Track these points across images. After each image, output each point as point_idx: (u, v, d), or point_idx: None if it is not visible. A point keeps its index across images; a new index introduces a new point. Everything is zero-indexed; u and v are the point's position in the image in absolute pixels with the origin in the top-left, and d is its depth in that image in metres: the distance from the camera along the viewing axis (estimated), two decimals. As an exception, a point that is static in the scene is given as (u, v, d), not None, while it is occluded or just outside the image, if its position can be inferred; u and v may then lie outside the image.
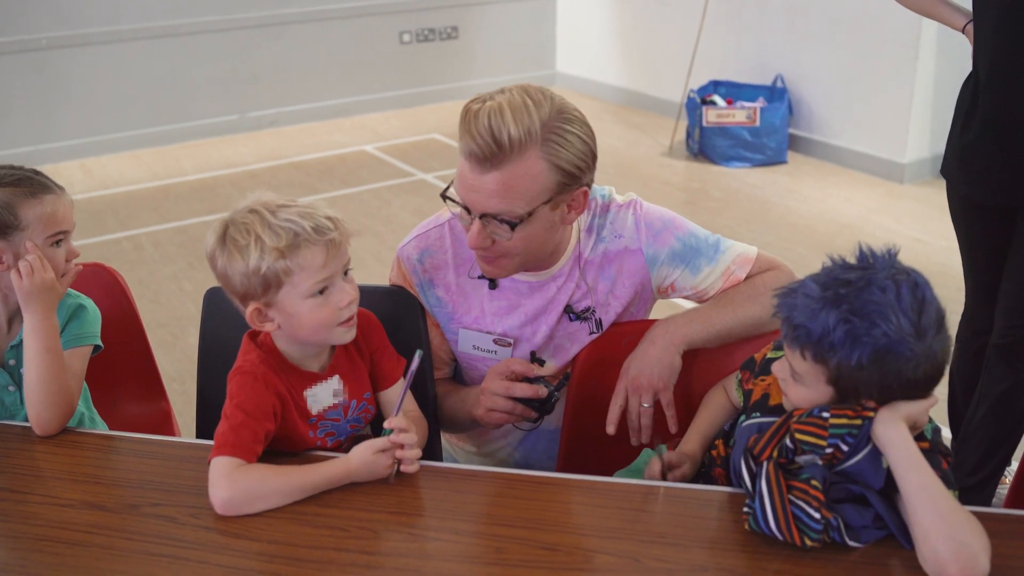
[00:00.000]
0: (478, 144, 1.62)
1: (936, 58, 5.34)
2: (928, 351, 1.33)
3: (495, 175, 1.64)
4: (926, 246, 4.69)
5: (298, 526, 1.46)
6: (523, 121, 1.62)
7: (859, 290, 1.33)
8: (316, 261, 1.56)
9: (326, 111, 7.19)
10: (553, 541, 1.42)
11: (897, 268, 1.36)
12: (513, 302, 1.88)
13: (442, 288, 1.90)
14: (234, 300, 1.62)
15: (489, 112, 1.62)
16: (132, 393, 2.31)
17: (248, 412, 1.56)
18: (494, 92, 1.68)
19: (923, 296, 1.33)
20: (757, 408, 1.57)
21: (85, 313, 1.85)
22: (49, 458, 1.67)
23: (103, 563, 1.40)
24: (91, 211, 5.43)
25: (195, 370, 2.03)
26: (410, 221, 5.08)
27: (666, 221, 1.89)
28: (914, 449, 1.33)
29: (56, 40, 6.15)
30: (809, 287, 1.37)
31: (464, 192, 1.70)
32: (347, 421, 1.71)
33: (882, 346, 1.31)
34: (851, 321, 1.32)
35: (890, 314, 1.31)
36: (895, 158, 5.57)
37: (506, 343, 1.89)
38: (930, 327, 1.33)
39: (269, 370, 1.62)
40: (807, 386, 1.41)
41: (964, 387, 2.80)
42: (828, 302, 1.33)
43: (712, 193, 5.53)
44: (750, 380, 1.63)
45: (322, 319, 1.60)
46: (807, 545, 1.34)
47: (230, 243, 1.56)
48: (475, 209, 1.69)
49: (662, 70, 6.92)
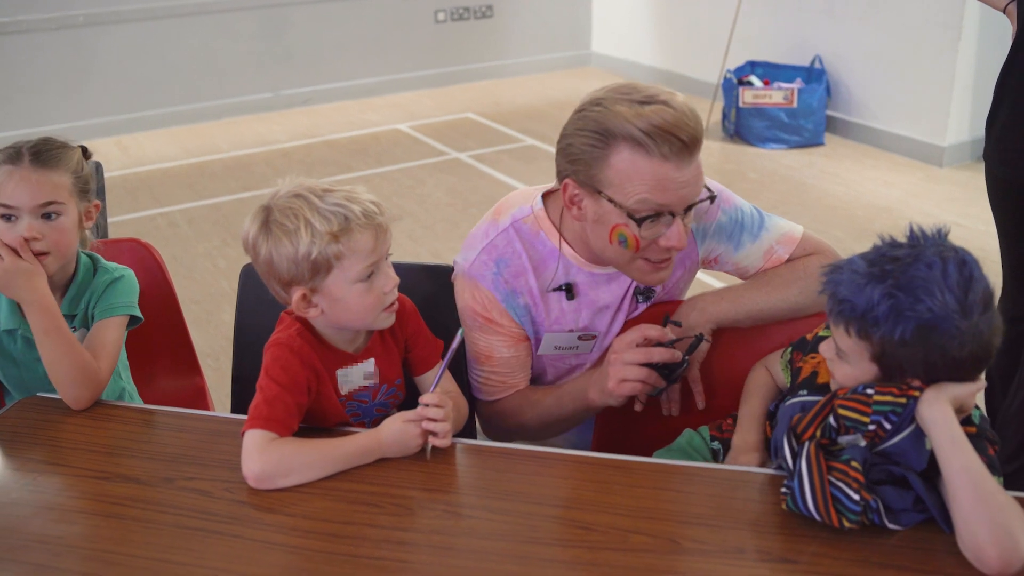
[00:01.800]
0: (687, 132, 1.58)
1: (979, 40, 5.24)
2: (974, 330, 1.30)
3: (696, 158, 1.63)
4: (965, 230, 4.62)
5: (332, 502, 1.46)
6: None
7: (906, 266, 1.31)
8: (366, 245, 1.56)
9: (360, 90, 7.18)
10: (589, 520, 1.40)
11: (946, 246, 1.34)
12: (591, 297, 1.85)
13: (525, 294, 1.82)
14: (275, 287, 1.60)
15: (676, 104, 1.59)
16: (167, 368, 2.33)
17: (283, 385, 1.55)
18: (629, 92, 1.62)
19: (971, 274, 1.31)
20: (805, 386, 1.56)
21: (120, 283, 1.85)
22: (85, 431, 1.68)
23: (137, 536, 1.40)
24: (126, 188, 5.47)
25: (228, 346, 2.04)
26: (444, 200, 5.08)
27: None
28: (959, 431, 1.31)
29: (92, 17, 6.18)
30: (856, 263, 1.36)
31: (672, 195, 1.62)
32: (374, 404, 1.70)
33: (926, 321, 1.29)
34: (895, 296, 1.30)
35: (935, 290, 1.29)
36: (935, 141, 5.49)
37: (590, 337, 1.87)
38: (976, 305, 1.30)
39: (306, 344, 1.61)
40: (852, 364, 1.39)
41: (1001, 374, 2.76)
42: (874, 277, 1.32)
43: (748, 175, 5.47)
44: (801, 359, 1.61)
45: (368, 304, 1.59)
46: (845, 527, 1.33)
47: (276, 228, 1.55)
48: (685, 205, 1.65)
49: (698, 50, 6.86)
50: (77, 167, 1.81)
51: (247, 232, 1.59)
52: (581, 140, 1.63)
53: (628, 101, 1.60)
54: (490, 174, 5.59)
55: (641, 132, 1.57)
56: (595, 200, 1.66)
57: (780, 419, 1.46)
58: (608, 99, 1.62)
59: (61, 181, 1.76)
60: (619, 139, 1.59)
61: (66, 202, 1.77)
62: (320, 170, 5.70)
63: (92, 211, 1.85)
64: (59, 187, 1.76)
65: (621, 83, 1.66)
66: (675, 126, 1.57)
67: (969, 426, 1.36)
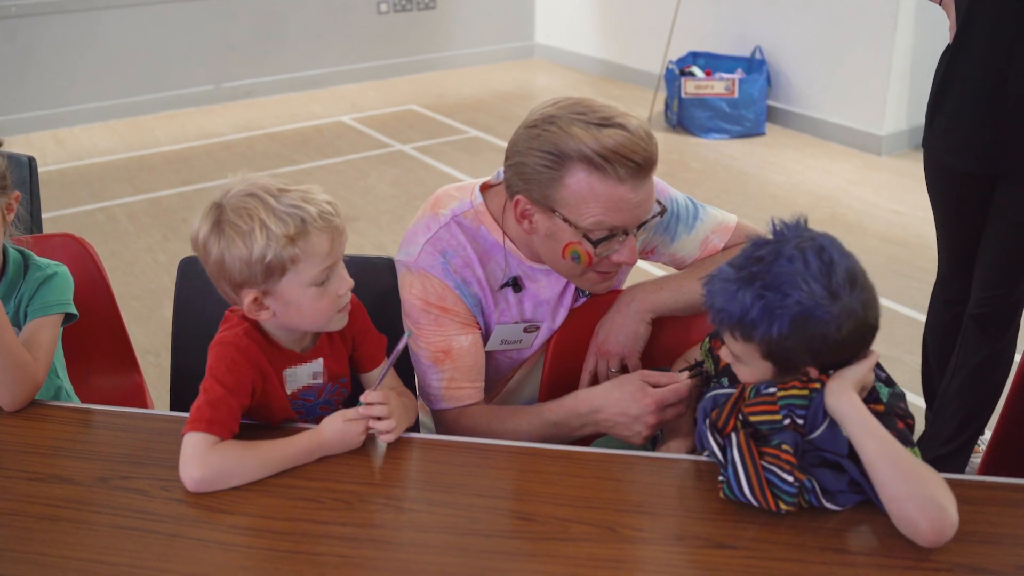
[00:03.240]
0: (640, 156, 1.59)
1: (914, 29, 5.33)
2: (846, 309, 1.34)
3: (650, 177, 1.64)
4: (903, 217, 4.70)
5: (271, 498, 1.45)
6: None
7: (769, 265, 1.35)
8: (322, 248, 1.52)
9: (303, 82, 7.12)
10: (529, 511, 1.41)
11: (804, 236, 1.37)
12: (532, 290, 1.86)
13: (475, 284, 1.81)
14: (225, 289, 1.56)
15: (634, 127, 1.60)
16: (104, 366, 2.29)
17: (227, 386, 1.52)
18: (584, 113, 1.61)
19: (830, 258, 1.35)
20: (724, 374, 1.59)
21: (54, 280, 1.80)
22: (18, 431, 1.65)
23: (72, 537, 1.38)
24: (64, 182, 5.37)
25: (168, 342, 2.01)
26: (388, 192, 5.05)
27: None
28: (867, 416, 1.35)
29: (26, 7, 6.05)
30: (725, 271, 1.40)
31: (627, 215, 1.64)
32: (319, 402, 1.69)
33: (797, 314, 1.32)
34: (765, 296, 1.34)
35: (799, 281, 1.33)
36: (873, 130, 5.58)
37: (534, 327, 1.87)
38: (843, 286, 1.34)
39: (253, 343, 1.58)
40: (748, 364, 1.43)
41: (938, 358, 2.81)
42: (743, 282, 1.36)
43: (691, 164, 5.52)
44: (720, 347, 1.63)
45: (322, 308, 1.57)
46: (782, 510, 1.35)
47: (229, 228, 1.50)
48: (639, 222, 1.67)
49: (641, 41, 6.89)
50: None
51: (197, 231, 1.54)
52: (535, 159, 1.62)
53: (584, 123, 1.59)
54: (434, 166, 5.57)
55: (598, 155, 1.57)
56: (548, 217, 1.66)
57: (699, 412, 1.49)
58: (563, 119, 1.61)
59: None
60: (575, 161, 1.59)
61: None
62: (263, 163, 5.64)
63: (12, 203, 1.78)
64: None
65: (574, 100, 1.65)
66: (631, 150, 1.57)
67: (877, 404, 1.39)
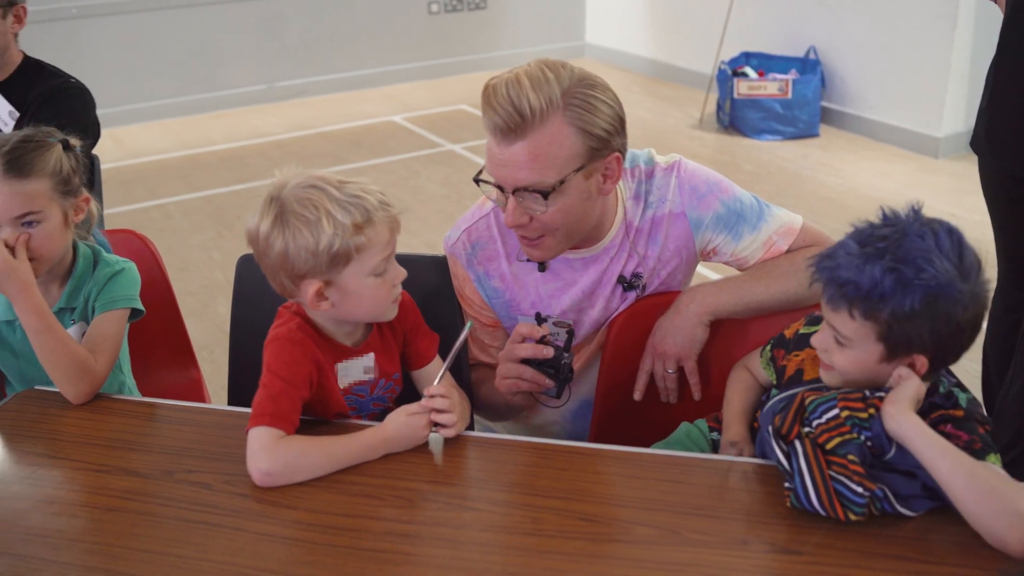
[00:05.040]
0: (500, 116, 1.61)
1: (975, 28, 5.24)
2: (973, 292, 1.33)
3: (521, 145, 1.62)
4: (961, 221, 4.54)
5: (334, 494, 1.46)
6: (543, 89, 1.60)
7: (897, 241, 1.34)
8: (383, 237, 1.55)
9: (354, 81, 7.16)
10: (591, 512, 1.40)
11: (925, 220, 1.37)
12: (568, 280, 1.86)
13: (497, 278, 1.87)
14: (284, 281, 1.57)
15: (507, 84, 1.61)
16: (163, 360, 2.32)
17: (286, 380, 1.54)
18: (513, 68, 1.66)
19: (959, 240, 1.35)
20: (791, 384, 1.55)
21: (121, 276, 1.83)
22: (84, 424, 1.67)
23: (139, 529, 1.40)
24: (120, 180, 5.45)
25: (223, 338, 2.03)
26: (438, 192, 5.07)
27: (711, 184, 1.86)
28: (931, 436, 1.31)
29: (86, 9, 6.15)
30: (849, 245, 1.37)
31: (494, 169, 1.68)
32: (371, 398, 1.70)
33: (932, 288, 1.31)
34: (898, 269, 1.32)
35: (934, 258, 1.31)
36: (930, 132, 5.49)
37: (565, 324, 1.86)
38: (973, 268, 1.34)
39: (307, 337, 1.60)
40: (855, 348, 1.39)
41: (998, 364, 2.76)
42: (871, 256, 1.34)
43: (743, 166, 5.47)
44: (784, 357, 1.61)
45: (380, 297, 1.59)
46: (851, 520, 1.32)
47: (295, 219, 1.51)
48: (507, 185, 1.67)
49: (693, 41, 6.85)
50: (55, 168, 1.75)
51: (256, 225, 1.55)
52: None
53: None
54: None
55: (484, 96, 1.64)
56: None
57: (761, 422, 1.47)
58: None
59: (37, 188, 1.72)
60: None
61: (44, 208, 1.73)
62: (315, 162, 5.68)
63: (81, 205, 1.81)
64: (35, 196, 1.71)
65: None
66: (501, 99, 1.61)
67: (956, 409, 1.37)
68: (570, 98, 1.62)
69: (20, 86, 2.69)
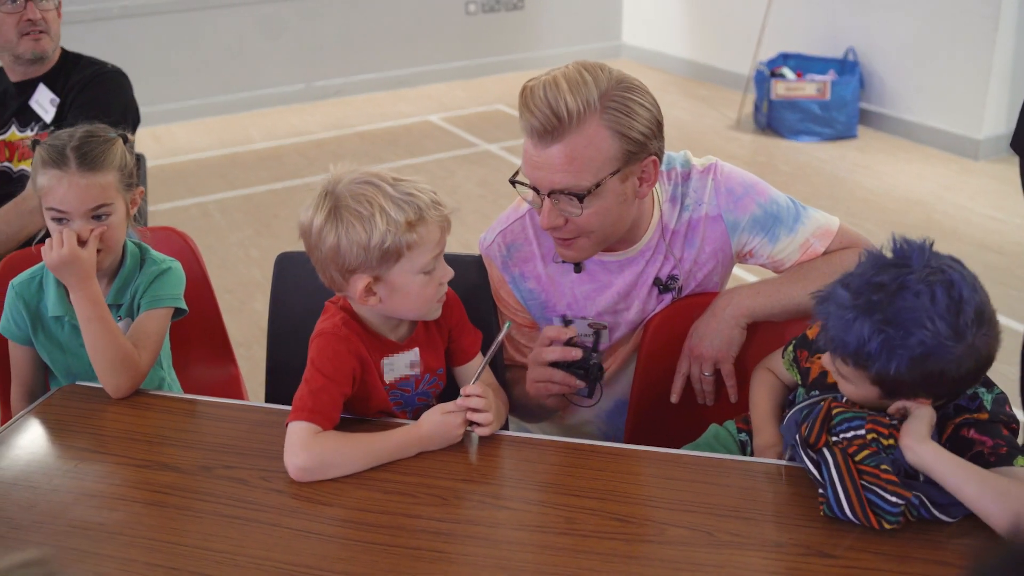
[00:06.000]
0: (537, 118, 1.61)
1: (1017, 30, 5.18)
2: (969, 349, 1.30)
3: (558, 148, 1.62)
4: (1001, 224, 4.57)
5: (369, 491, 1.47)
6: (580, 91, 1.60)
7: (892, 296, 1.30)
8: (434, 236, 1.57)
9: (391, 81, 7.19)
10: (625, 512, 1.41)
11: (932, 266, 1.32)
12: (603, 282, 1.86)
13: (532, 280, 1.88)
14: (333, 275, 1.58)
15: (545, 86, 1.61)
16: (202, 356, 2.34)
17: (329, 376, 1.56)
18: (551, 70, 1.66)
19: (959, 295, 1.29)
20: (816, 387, 1.55)
21: (167, 275, 1.86)
22: (125, 419, 1.70)
23: (177, 523, 1.42)
24: (161, 177, 5.51)
25: (260, 335, 2.05)
26: (475, 192, 5.08)
27: (748, 186, 1.85)
28: (952, 462, 1.31)
29: (127, 9, 6.22)
30: (840, 296, 1.35)
31: (530, 171, 1.68)
32: (416, 393, 1.71)
33: (919, 354, 1.29)
34: (885, 331, 1.30)
35: (925, 320, 1.28)
36: (970, 134, 5.43)
37: (601, 326, 1.87)
38: (969, 327, 1.29)
39: (352, 333, 1.61)
40: (854, 384, 1.40)
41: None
42: (861, 311, 1.31)
43: (780, 167, 5.44)
44: (808, 359, 1.60)
45: (427, 295, 1.60)
46: (886, 528, 1.32)
47: (349, 214, 1.53)
48: (543, 187, 1.67)
49: (730, 42, 6.82)
50: (121, 161, 1.82)
51: (309, 219, 1.57)
52: None
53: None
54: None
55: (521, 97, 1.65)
56: None
57: (785, 432, 1.46)
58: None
59: (108, 181, 1.78)
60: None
61: (114, 200, 1.79)
62: (353, 161, 5.69)
63: (137, 198, 1.87)
64: (107, 188, 1.78)
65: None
66: (539, 101, 1.60)
67: (980, 413, 1.36)
68: (608, 101, 1.62)
69: (61, 77, 2.79)
